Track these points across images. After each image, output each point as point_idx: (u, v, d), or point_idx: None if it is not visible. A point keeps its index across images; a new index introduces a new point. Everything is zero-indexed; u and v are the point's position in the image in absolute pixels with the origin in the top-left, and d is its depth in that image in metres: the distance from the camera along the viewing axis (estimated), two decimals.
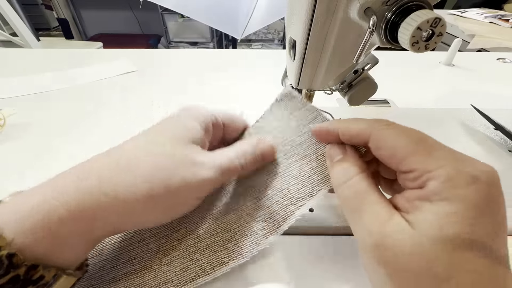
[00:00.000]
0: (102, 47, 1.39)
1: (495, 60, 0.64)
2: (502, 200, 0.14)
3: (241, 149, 0.21)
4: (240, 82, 0.53)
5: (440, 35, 0.15)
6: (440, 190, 0.13)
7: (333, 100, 0.45)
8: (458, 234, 0.13)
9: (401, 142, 0.15)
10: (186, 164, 0.18)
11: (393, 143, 0.16)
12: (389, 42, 0.16)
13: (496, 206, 0.14)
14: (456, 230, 0.13)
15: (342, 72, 0.25)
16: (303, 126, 0.22)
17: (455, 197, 0.13)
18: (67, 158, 0.32)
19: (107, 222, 0.17)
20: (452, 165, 0.14)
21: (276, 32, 2.25)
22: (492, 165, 0.15)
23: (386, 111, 0.42)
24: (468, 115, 0.40)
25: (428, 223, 0.13)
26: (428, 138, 0.16)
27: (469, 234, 0.13)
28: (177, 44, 2.28)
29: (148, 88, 0.49)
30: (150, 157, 0.18)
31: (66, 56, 0.63)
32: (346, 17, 0.18)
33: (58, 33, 2.23)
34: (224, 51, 0.75)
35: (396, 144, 0.16)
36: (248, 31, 0.73)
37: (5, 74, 0.52)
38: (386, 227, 0.14)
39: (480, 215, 0.13)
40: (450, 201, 0.13)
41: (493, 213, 0.13)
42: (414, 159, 0.15)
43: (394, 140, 0.16)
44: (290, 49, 0.24)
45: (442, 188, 0.13)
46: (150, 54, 0.65)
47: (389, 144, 0.16)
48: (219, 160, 0.20)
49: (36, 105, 0.43)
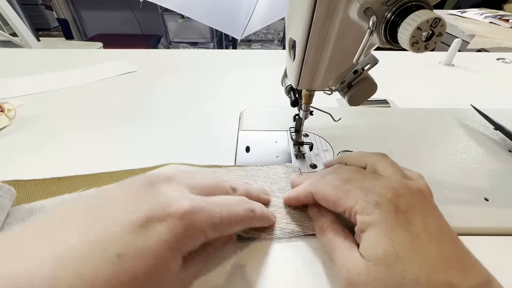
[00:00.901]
0: (102, 47, 1.39)
1: (495, 60, 0.64)
2: (415, 209, 0.18)
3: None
4: (240, 82, 0.53)
5: (440, 35, 0.15)
6: (363, 220, 0.18)
7: (333, 100, 0.45)
8: (386, 251, 0.16)
9: (328, 192, 0.20)
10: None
11: (324, 193, 0.21)
12: (389, 42, 0.16)
13: (404, 217, 0.17)
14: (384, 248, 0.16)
15: (342, 72, 0.25)
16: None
17: (371, 222, 0.17)
18: (70, 152, 0.32)
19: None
20: (362, 199, 0.18)
21: (276, 32, 2.25)
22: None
23: (386, 111, 0.42)
24: (468, 115, 0.40)
25: (366, 250, 0.17)
26: (346, 182, 0.20)
27: (393, 248, 0.16)
28: (177, 45, 2.28)
29: (148, 88, 0.49)
30: None
31: (66, 56, 0.63)
32: (346, 17, 0.18)
33: (58, 33, 2.23)
34: (224, 51, 0.75)
35: (326, 194, 0.21)
36: (248, 31, 0.73)
37: (5, 74, 0.52)
38: (348, 262, 0.18)
39: (392, 230, 0.17)
40: (372, 226, 0.17)
41: (407, 225, 0.17)
42: (340, 203, 0.19)
43: (324, 191, 0.21)
44: (290, 49, 0.24)
45: (362, 219, 0.18)
46: (150, 54, 0.65)
47: (322, 195, 0.21)
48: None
49: (36, 105, 0.43)
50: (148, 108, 0.43)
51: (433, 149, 0.33)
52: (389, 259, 0.16)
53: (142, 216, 0.15)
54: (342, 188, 0.20)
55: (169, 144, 0.35)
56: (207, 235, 0.17)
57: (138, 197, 0.16)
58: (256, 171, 0.28)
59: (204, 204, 0.17)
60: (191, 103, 0.45)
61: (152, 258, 0.14)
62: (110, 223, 0.14)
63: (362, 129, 0.37)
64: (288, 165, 0.29)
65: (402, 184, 0.19)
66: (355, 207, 0.18)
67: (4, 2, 0.93)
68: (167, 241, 0.15)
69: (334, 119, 0.32)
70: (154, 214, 0.15)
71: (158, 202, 0.16)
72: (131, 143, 0.35)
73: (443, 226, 0.17)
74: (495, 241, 0.24)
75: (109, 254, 0.13)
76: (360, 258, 0.17)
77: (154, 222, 0.15)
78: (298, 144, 0.33)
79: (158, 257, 0.14)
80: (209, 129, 0.38)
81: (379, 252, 0.16)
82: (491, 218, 0.25)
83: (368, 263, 0.16)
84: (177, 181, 0.18)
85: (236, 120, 0.40)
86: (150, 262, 0.14)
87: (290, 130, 0.35)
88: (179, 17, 2.15)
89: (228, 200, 0.19)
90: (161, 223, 0.15)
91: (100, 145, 0.35)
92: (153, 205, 0.15)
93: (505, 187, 0.28)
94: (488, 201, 0.27)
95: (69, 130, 0.37)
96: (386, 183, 0.19)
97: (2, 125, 0.37)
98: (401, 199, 0.18)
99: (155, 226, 0.15)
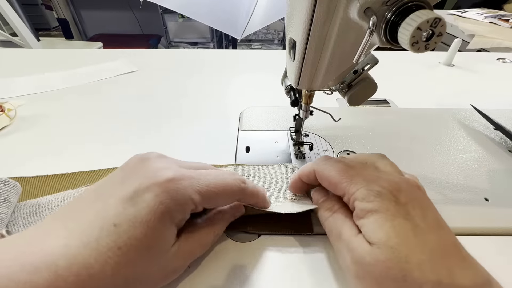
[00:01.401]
0: (102, 47, 1.39)
1: (495, 60, 0.64)
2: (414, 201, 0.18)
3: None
4: (240, 82, 0.53)
5: (440, 35, 0.15)
6: (363, 207, 0.18)
7: (333, 100, 0.45)
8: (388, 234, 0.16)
9: (331, 173, 0.21)
10: None
11: (328, 175, 0.21)
12: (389, 42, 0.16)
13: (404, 207, 0.17)
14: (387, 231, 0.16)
15: (342, 72, 0.25)
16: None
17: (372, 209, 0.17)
18: (71, 154, 0.32)
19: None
20: (364, 187, 0.19)
21: (276, 32, 2.25)
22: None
23: (386, 111, 0.42)
24: (468, 115, 0.40)
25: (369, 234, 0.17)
26: (350, 168, 0.20)
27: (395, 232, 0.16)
28: (177, 44, 2.28)
29: (148, 88, 0.49)
30: None
31: (66, 56, 0.63)
32: (346, 17, 0.18)
33: (58, 33, 2.23)
34: (224, 51, 0.75)
35: (329, 175, 0.21)
36: (248, 31, 0.73)
37: (5, 74, 0.52)
38: (355, 244, 0.18)
39: (392, 218, 0.17)
40: (372, 212, 0.17)
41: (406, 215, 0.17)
42: (341, 186, 0.20)
43: (328, 172, 0.21)
44: (290, 49, 0.24)
45: (363, 205, 0.18)
46: (150, 54, 0.65)
47: (325, 175, 0.21)
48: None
49: (36, 105, 0.43)
50: (148, 108, 0.43)
51: (433, 149, 0.33)
52: (392, 241, 0.16)
53: (131, 189, 0.16)
54: (346, 173, 0.20)
55: (169, 144, 0.35)
56: (195, 201, 0.17)
57: (132, 173, 0.18)
58: (255, 171, 0.28)
59: (189, 173, 0.18)
60: (191, 103, 0.45)
61: (143, 225, 0.16)
62: (107, 199, 0.16)
63: (362, 129, 0.36)
64: (287, 165, 0.29)
65: (403, 180, 0.19)
66: (356, 193, 0.19)
67: (4, 2, 0.93)
68: (154, 208, 0.16)
69: (334, 119, 0.32)
70: (141, 185, 0.17)
71: (146, 174, 0.17)
72: (131, 143, 0.35)
73: (441, 221, 0.18)
74: (495, 241, 0.24)
75: (107, 224, 0.15)
76: (365, 241, 0.17)
77: (142, 192, 0.16)
78: (298, 144, 0.33)
79: (149, 224, 0.16)
80: (209, 129, 0.38)
81: (381, 236, 0.16)
82: (491, 218, 0.25)
83: (373, 246, 0.17)
84: (168, 158, 0.20)
85: (236, 120, 0.40)
86: (142, 229, 0.15)
87: (290, 130, 0.35)
88: (179, 17, 2.15)
89: (217, 171, 0.20)
90: (148, 192, 0.16)
91: (100, 145, 0.35)
92: (141, 177, 0.17)
93: (505, 187, 0.28)
94: (488, 201, 0.27)
95: (69, 130, 0.37)
96: (388, 177, 0.19)
97: (3, 124, 0.37)
98: (401, 193, 0.18)
99: (143, 196, 0.16)
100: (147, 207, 0.16)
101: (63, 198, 0.25)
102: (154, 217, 0.16)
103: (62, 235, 0.15)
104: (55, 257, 0.14)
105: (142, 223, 0.16)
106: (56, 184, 0.27)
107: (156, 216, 0.16)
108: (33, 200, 0.24)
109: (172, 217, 0.17)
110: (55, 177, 0.28)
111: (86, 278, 0.14)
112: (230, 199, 0.21)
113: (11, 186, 0.23)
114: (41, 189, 0.27)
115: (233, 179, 0.20)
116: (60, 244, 0.14)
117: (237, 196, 0.21)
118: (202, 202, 0.18)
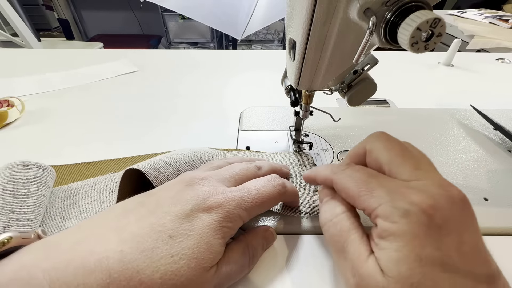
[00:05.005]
0: (102, 47, 1.39)
1: (494, 61, 0.64)
2: (452, 223, 0.15)
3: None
4: (240, 82, 0.53)
5: (439, 35, 0.15)
6: (385, 228, 0.15)
7: (333, 100, 0.45)
8: (412, 270, 0.14)
9: (349, 184, 0.18)
10: None
11: (345, 186, 0.18)
12: (388, 42, 0.16)
13: (438, 232, 0.14)
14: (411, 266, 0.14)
15: (342, 73, 0.25)
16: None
17: (396, 232, 0.15)
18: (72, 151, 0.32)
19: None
20: (387, 203, 0.15)
21: (276, 32, 2.26)
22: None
23: (385, 111, 0.42)
24: (467, 115, 0.40)
25: (386, 263, 0.14)
26: (372, 177, 0.17)
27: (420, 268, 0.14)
28: (178, 45, 2.28)
29: (148, 88, 0.50)
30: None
31: (66, 56, 0.64)
32: (346, 18, 0.18)
33: (59, 34, 2.23)
34: (224, 51, 0.75)
35: (346, 186, 0.18)
36: (248, 31, 0.73)
37: (5, 74, 0.53)
38: (363, 268, 0.15)
39: (421, 249, 0.14)
40: (395, 237, 0.15)
41: (439, 239, 0.14)
42: (361, 200, 0.17)
43: (346, 183, 0.18)
44: (290, 49, 0.24)
45: (385, 226, 0.15)
46: (150, 55, 0.65)
47: (342, 186, 0.19)
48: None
49: (36, 105, 0.43)
50: (148, 108, 0.43)
51: (432, 149, 0.33)
52: (414, 279, 0.14)
53: (188, 208, 0.18)
54: (365, 185, 0.17)
55: (169, 144, 0.35)
56: (243, 218, 0.19)
57: (182, 195, 0.19)
58: (270, 158, 0.31)
59: (235, 193, 0.19)
60: (191, 103, 0.45)
61: (197, 236, 0.17)
62: (161, 214, 0.17)
63: (362, 129, 0.37)
64: (301, 154, 0.31)
65: (444, 193, 0.15)
66: (377, 209, 0.16)
67: (5, 2, 0.93)
68: (209, 224, 0.17)
69: (334, 119, 0.32)
70: (196, 206, 0.18)
71: (199, 198, 0.19)
72: (131, 143, 0.35)
73: (480, 243, 0.15)
74: (495, 241, 0.24)
75: (163, 236, 0.16)
76: (378, 268, 0.15)
77: (198, 212, 0.18)
78: (298, 143, 0.34)
79: (202, 236, 0.17)
80: (209, 129, 0.38)
81: (404, 270, 0.14)
82: (491, 218, 0.25)
83: (389, 279, 0.14)
84: (209, 179, 0.21)
85: (236, 120, 0.40)
86: (195, 240, 0.17)
87: (290, 129, 0.35)
88: (180, 18, 2.15)
89: (256, 184, 0.21)
90: (204, 213, 0.18)
91: (100, 145, 0.35)
92: (195, 200, 0.18)
93: (504, 187, 0.28)
94: (488, 201, 0.27)
95: (69, 130, 0.37)
96: (422, 188, 0.15)
97: (14, 117, 0.39)
98: (438, 212, 0.14)
99: (199, 215, 0.18)
100: (201, 222, 0.17)
101: (94, 184, 0.27)
102: (208, 230, 0.17)
103: (114, 241, 0.16)
104: (110, 261, 0.15)
105: (196, 235, 0.17)
106: (84, 171, 0.29)
107: (210, 229, 0.17)
108: (65, 185, 0.26)
109: (224, 233, 0.18)
110: (83, 165, 0.30)
111: (136, 284, 0.15)
112: (270, 205, 0.22)
113: (48, 171, 0.25)
114: (70, 176, 0.28)
115: (273, 186, 0.21)
116: (115, 249, 0.15)
117: (278, 201, 0.22)
118: (248, 216, 0.20)
